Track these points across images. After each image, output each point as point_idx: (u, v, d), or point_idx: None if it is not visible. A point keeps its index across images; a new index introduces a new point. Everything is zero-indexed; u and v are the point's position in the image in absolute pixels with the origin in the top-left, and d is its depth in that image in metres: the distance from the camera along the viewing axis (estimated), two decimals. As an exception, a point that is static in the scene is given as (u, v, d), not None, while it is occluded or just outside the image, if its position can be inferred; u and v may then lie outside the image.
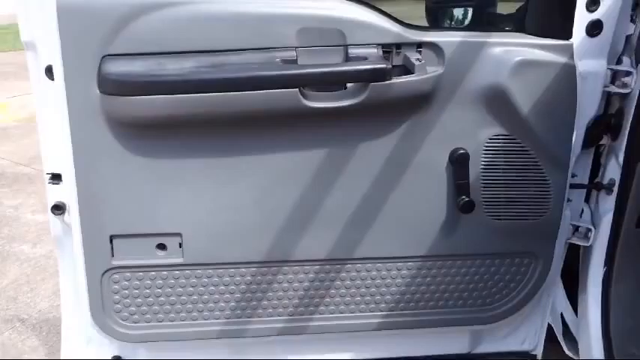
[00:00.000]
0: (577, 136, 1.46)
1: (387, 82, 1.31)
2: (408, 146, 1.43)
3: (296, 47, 1.32)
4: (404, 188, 1.46)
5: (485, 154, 1.45)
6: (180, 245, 1.47)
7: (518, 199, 1.50)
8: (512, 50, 1.38)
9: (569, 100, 1.41)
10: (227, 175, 1.42)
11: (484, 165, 1.46)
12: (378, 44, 1.35)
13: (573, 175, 1.54)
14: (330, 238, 1.49)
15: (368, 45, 1.34)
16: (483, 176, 1.47)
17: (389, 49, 1.36)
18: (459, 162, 1.43)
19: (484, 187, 1.48)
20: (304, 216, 1.47)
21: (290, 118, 1.36)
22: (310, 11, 1.33)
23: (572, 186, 1.54)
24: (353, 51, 1.34)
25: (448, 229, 1.51)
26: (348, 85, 1.35)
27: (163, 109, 1.31)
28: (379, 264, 1.54)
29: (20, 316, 2.63)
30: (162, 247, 1.48)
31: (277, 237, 1.48)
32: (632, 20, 1.42)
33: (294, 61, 1.32)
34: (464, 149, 1.43)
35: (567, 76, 1.39)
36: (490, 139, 1.44)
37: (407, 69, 1.36)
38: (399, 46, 1.36)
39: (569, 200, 1.55)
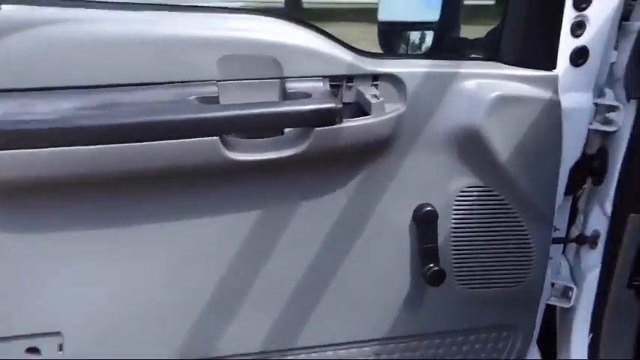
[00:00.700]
0: (560, 184, 1.28)
1: (337, 125, 1.08)
2: (363, 205, 1.20)
3: (217, 81, 1.07)
4: (358, 257, 1.22)
5: (456, 210, 1.23)
6: (61, 347, 1.15)
7: (497, 264, 1.29)
8: (487, 83, 1.17)
9: (554, 142, 1.22)
10: (125, 251, 1.12)
11: (455, 224, 1.24)
12: (325, 76, 1.12)
13: (554, 229, 1.34)
14: (265, 325, 1.22)
15: (311, 77, 1.11)
16: (454, 238, 1.25)
17: (338, 82, 1.13)
18: (425, 222, 1.22)
19: (455, 252, 1.26)
20: (231, 299, 1.18)
21: (208, 175, 1.10)
22: (236, 34, 1.09)
23: (554, 241, 1.35)
24: (292, 85, 1.10)
25: (412, 304, 1.27)
26: (286, 130, 1.11)
27: (30, 169, 1.01)
28: (329, 351, 1.27)
29: None
30: (34, 351, 1.15)
31: (195, 329, 1.18)
32: (615, 47, 1.25)
33: (214, 99, 1.07)
34: (431, 206, 1.21)
35: (552, 114, 1.20)
36: (462, 191, 1.23)
37: (361, 108, 1.14)
38: (350, 78, 1.14)
39: (549, 258, 1.35)
